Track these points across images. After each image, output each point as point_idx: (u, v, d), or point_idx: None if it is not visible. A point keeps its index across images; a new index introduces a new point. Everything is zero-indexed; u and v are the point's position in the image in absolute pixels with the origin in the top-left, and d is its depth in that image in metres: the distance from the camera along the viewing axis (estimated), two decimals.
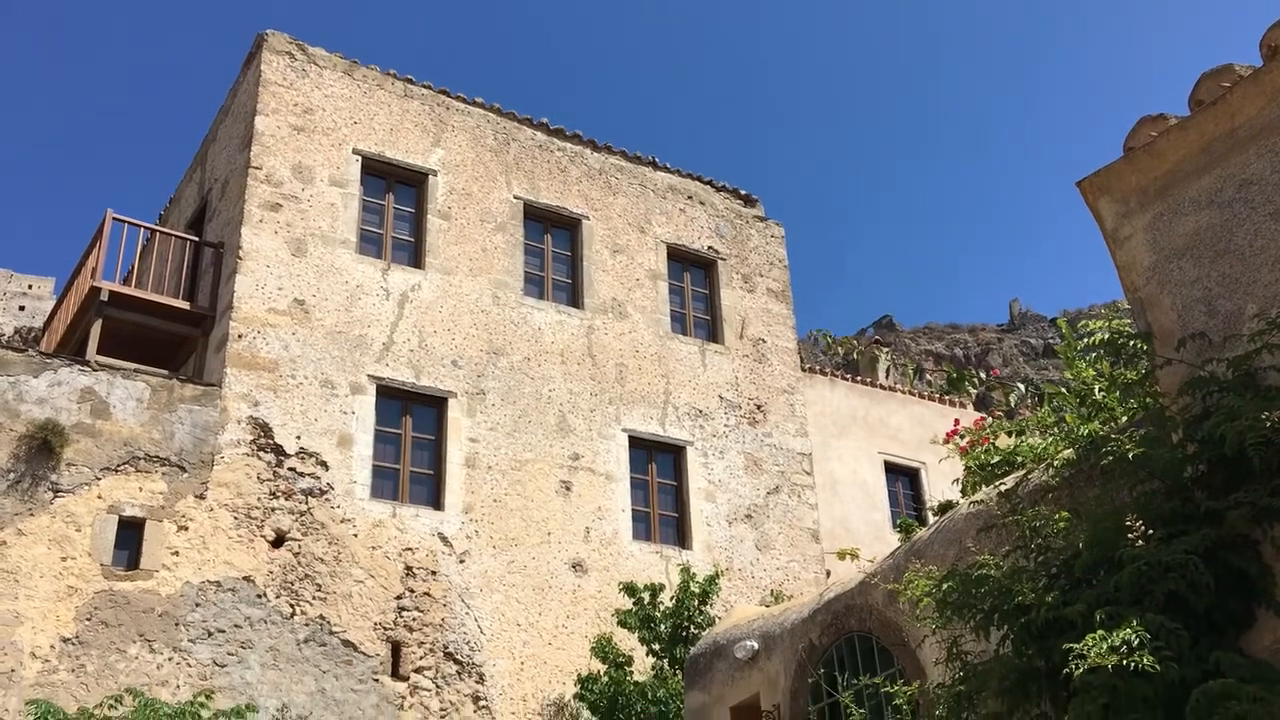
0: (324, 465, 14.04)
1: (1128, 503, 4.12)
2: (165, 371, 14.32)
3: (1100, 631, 3.54)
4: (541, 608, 14.85)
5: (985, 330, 44.36)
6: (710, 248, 19.02)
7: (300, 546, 13.48)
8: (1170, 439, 4.09)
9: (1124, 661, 3.43)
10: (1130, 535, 3.79)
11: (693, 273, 18.86)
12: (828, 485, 19.23)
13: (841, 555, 7.52)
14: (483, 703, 13.90)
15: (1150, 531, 3.76)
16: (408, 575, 14.07)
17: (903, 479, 20.87)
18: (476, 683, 13.96)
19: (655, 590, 13.80)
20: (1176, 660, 3.55)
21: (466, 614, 14.26)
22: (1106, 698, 3.65)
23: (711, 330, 18.59)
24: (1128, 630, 3.49)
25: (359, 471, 14.29)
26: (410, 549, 14.24)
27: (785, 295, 19.61)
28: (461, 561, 14.51)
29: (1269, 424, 3.52)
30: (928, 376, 21.89)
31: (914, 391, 21.58)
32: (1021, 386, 6.38)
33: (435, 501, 14.83)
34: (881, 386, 21.53)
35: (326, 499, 13.89)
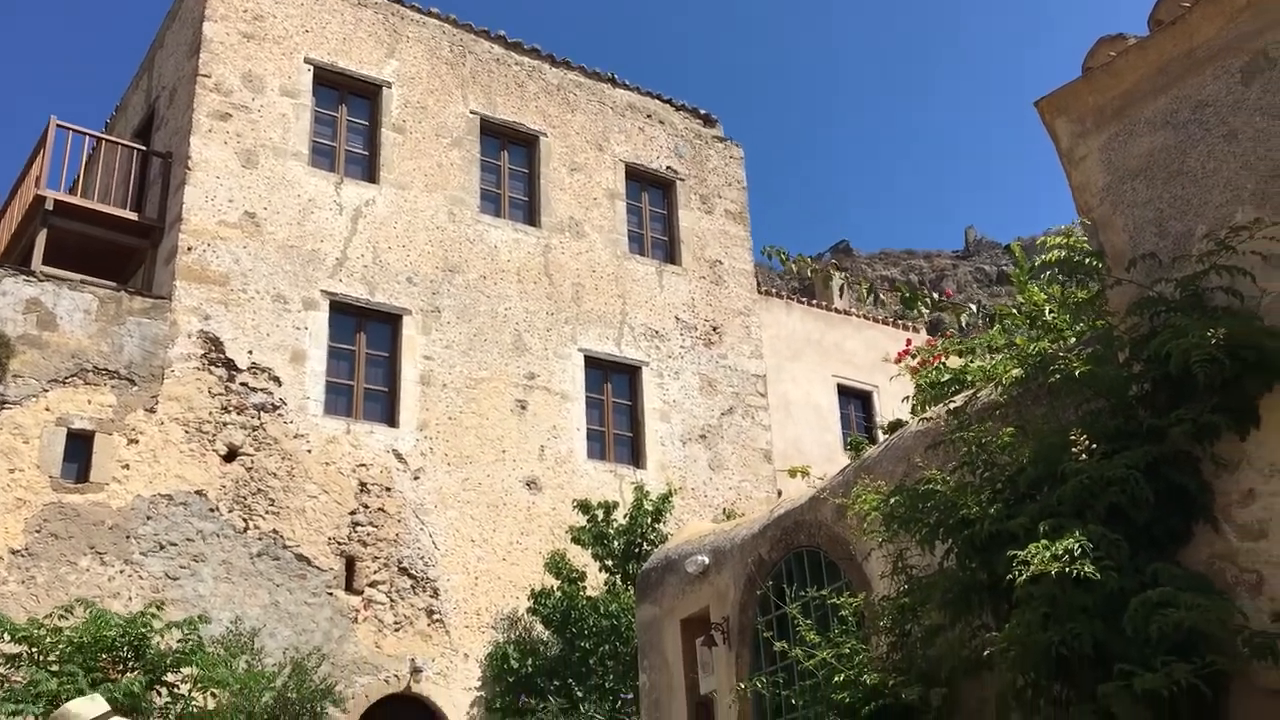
0: (276, 381, 13.93)
1: (1074, 420, 4.19)
2: (113, 283, 14.06)
3: (1043, 541, 3.62)
4: (496, 524, 14.95)
5: (941, 256, 44.63)
6: (669, 168, 18.87)
7: (253, 461, 13.43)
8: (1117, 358, 4.15)
9: (1065, 569, 3.51)
10: (1074, 451, 3.86)
11: (651, 193, 18.74)
12: (781, 407, 19.41)
13: (793, 473, 7.61)
14: (436, 616, 14.04)
15: (1094, 447, 3.83)
16: (362, 491, 14.08)
17: (855, 402, 21.10)
18: (431, 597, 14.08)
19: (609, 508, 13.94)
20: (1116, 570, 3.64)
21: (421, 530, 14.33)
22: (1047, 607, 3.75)
23: (669, 251, 18.53)
24: (1070, 540, 3.57)
25: (312, 387, 14.20)
26: (364, 465, 14.23)
27: (743, 217, 19.56)
28: (416, 478, 14.54)
29: (1214, 342, 3.58)
30: (881, 298, 22.00)
31: (868, 315, 21.71)
32: (974, 307, 6.44)
33: (390, 418, 14.79)
34: (836, 310, 21.64)
35: (279, 414, 13.81)
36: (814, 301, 21.73)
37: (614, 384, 17.02)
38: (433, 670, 13.73)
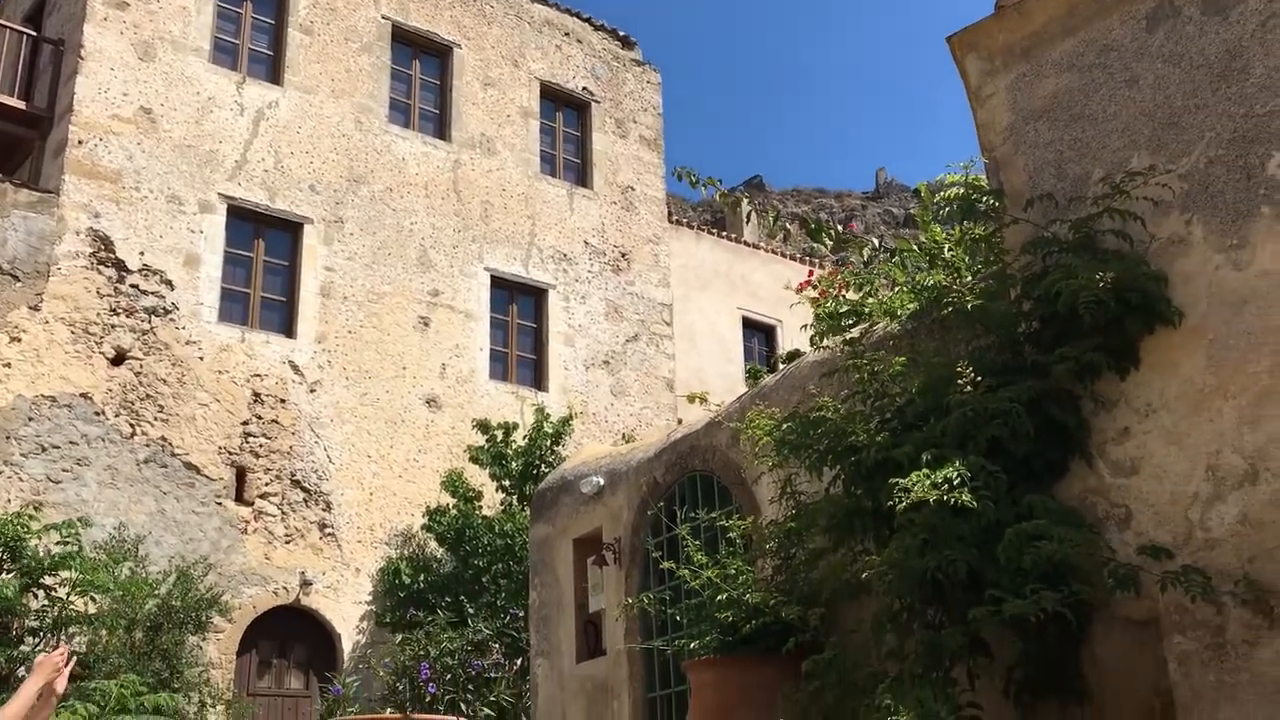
0: (169, 284, 13.52)
1: (963, 354, 4.26)
2: None
3: (925, 470, 3.70)
4: (393, 441, 14.82)
5: (851, 197, 45.02)
6: (585, 89, 18.61)
7: (142, 366, 13.06)
8: (1009, 295, 4.22)
9: (944, 498, 3.59)
10: (961, 384, 3.93)
11: (565, 113, 18.48)
12: (686, 337, 19.51)
13: (691, 399, 7.66)
14: (329, 530, 13.93)
15: (980, 380, 3.90)
16: (255, 401, 13.82)
17: (759, 335, 21.31)
18: (323, 510, 13.96)
19: (509, 429, 13.92)
20: (994, 501, 3.73)
21: (316, 443, 14.14)
22: (925, 534, 3.84)
23: (581, 174, 18.35)
24: (950, 470, 3.65)
25: (206, 293, 13.81)
26: (259, 375, 13.95)
27: (657, 144, 19.43)
28: (312, 391, 14.31)
29: (1101, 284, 3.65)
30: (791, 233, 22.16)
31: (777, 250, 21.86)
32: (876, 241, 6.51)
33: (287, 329, 14.50)
34: (745, 243, 21.73)
35: (171, 319, 13.43)
36: (724, 233, 21.78)
37: (519, 305, 16.90)
38: (323, 584, 13.66)
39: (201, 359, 13.51)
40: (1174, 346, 3.67)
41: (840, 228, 6.21)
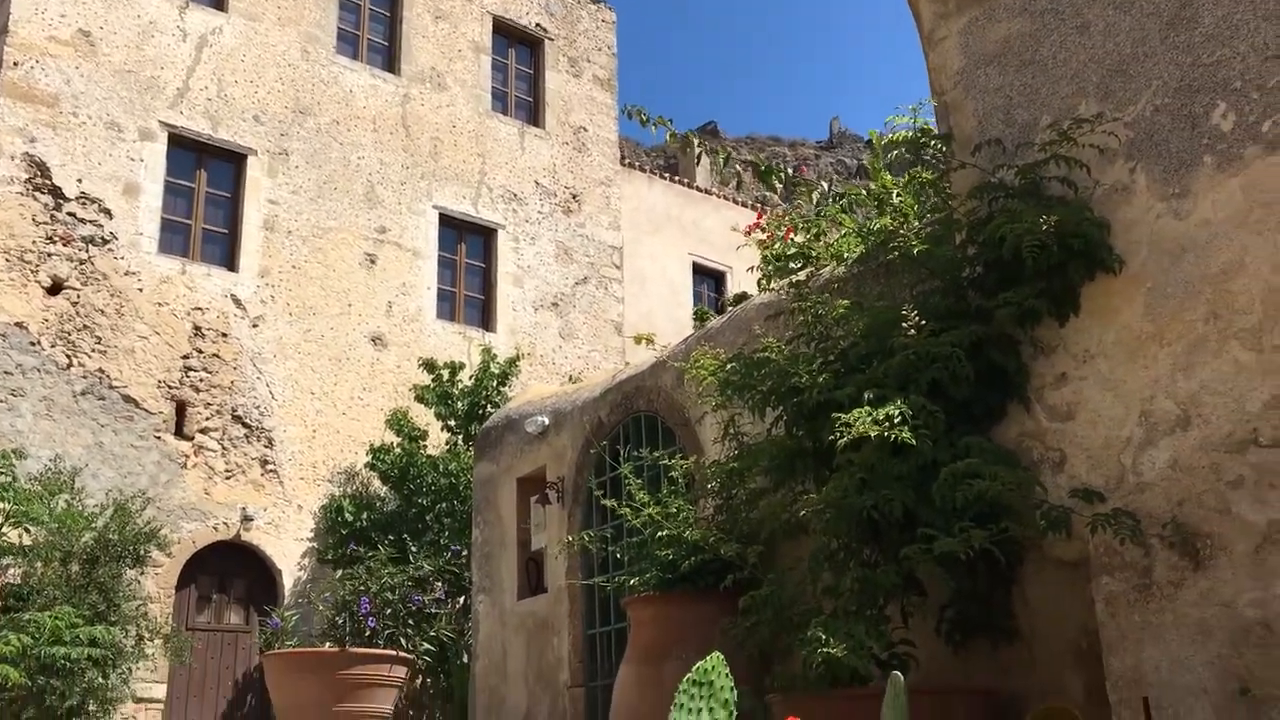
0: (107, 213, 13.20)
1: (908, 299, 4.28)
2: None
3: (866, 408, 3.72)
4: (337, 378, 14.68)
5: (805, 145, 44.95)
6: (539, 25, 18.32)
7: (79, 296, 12.78)
8: (954, 239, 4.24)
9: (884, 434, 3.62)
10: (905, 326, 3.95)
11: (518, 50, 18.20)
12: (636, 281, 19.46)
13: (638, 340, 7.65)
14: (270, 467, 13.81)
15: (924, 324, 3.92)
16: (196, 335, 13.61)
17: (709, 281, 21.31)
18: (265, 447, 13.83)
19: (455, 369, 13.83)
20: (932, 441, 3.78)
21: (258, 378, 13.97)
22: (864, 473, 3.87)
23: (533, 113, 18.12)
24: (891, 408, 3.68)
25: (146, 224, 13.51)
26: (200, 308, 13.72)
27: (611, 85, 19.21)
28: (255, 326, 14.11)
29: (1044, 229, 3.67)
30: (743, 179, 22.09)
31: (728, 197, 21.80)
32: (825, 185, 6.50)
33: (229, 262, 14.25)
34: (698, 189, 21.65)
35: (109, 249, 13.14)
36: (677, 178, 21.67)
37: (468, 245, 16.73)
38: (264, 520, 13.57)
39: (141, 290, 13.25)
40: (1113, 294, 3.71)
41: (791, 170, 6.19)
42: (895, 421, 3.63)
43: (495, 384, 13.71)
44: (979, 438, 3.89)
